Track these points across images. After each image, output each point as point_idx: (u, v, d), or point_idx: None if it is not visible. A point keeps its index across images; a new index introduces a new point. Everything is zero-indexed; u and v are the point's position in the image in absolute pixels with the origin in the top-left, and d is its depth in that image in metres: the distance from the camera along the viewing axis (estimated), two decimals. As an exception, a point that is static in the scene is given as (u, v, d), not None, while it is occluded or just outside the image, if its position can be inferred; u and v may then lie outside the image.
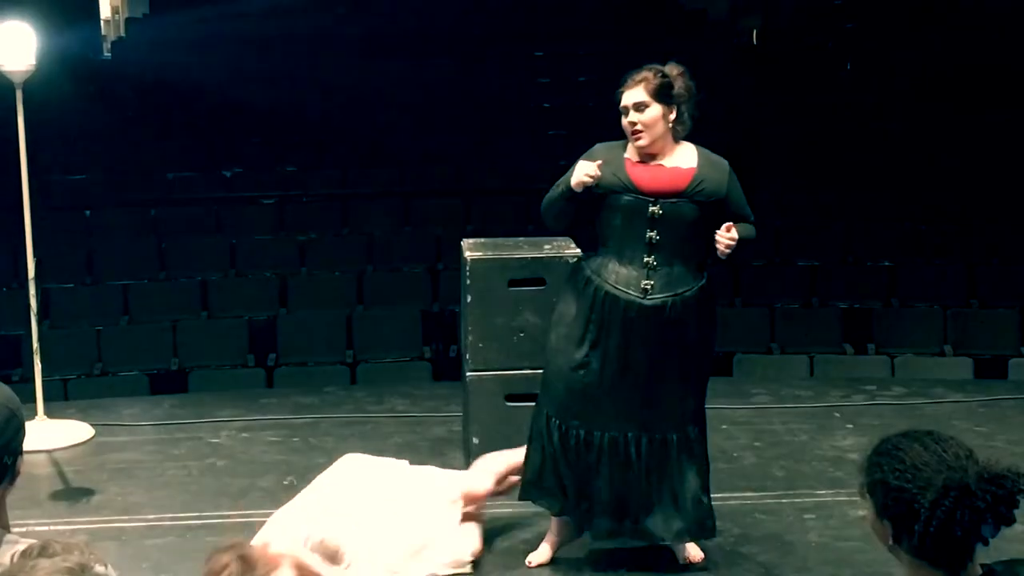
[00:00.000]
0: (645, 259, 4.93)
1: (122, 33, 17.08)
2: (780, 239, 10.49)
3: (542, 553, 5.23)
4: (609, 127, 5.16)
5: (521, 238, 6.51)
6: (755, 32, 16.23)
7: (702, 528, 5.12)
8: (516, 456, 5.37)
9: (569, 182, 4.96)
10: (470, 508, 5.28)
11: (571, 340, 5.00)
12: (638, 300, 4.92)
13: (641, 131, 4.95)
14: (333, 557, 4.76)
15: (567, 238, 6.34)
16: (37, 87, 6.95)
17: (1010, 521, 2.51)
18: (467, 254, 6.15)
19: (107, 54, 16.26)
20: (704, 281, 5.01)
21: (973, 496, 2.47)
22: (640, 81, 4.96)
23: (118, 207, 11.13)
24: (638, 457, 4.99)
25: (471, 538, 5.23)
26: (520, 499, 5.27)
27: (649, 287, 4.92)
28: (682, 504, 5.05)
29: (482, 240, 6.41)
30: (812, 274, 10.23)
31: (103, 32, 17.39)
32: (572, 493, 5.07)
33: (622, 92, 5.00)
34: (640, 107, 4.94)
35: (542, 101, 13.34)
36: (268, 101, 12.08)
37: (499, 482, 5.42)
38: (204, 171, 11.81)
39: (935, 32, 13.96)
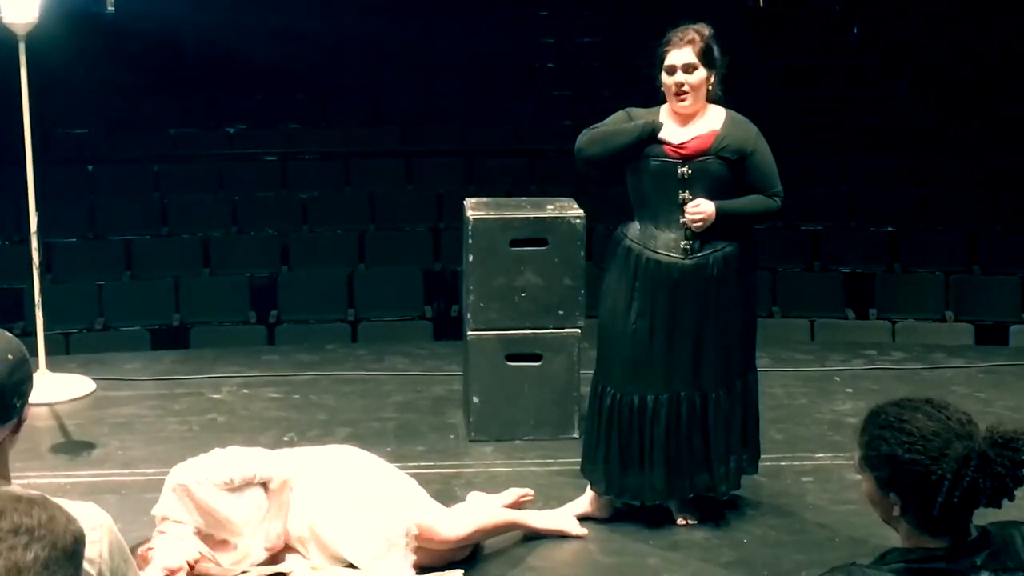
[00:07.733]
0: (682, 220, 4.96)
1: (125, -13, 16.97)
2: (783, 203, 10.43)
3: (575, 508, 5.24)
4: (613, 87, 5.15)
5: (523, 198, 6.50)
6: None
7: (738, 478, 5.23)
8: (497, 516, 5.01)
9: (644, 127, 4.94)
10: (426, 544, 4.72)
11: (619, 311, 5.03)
12: (680, 262, 4.97)
13: (687, 92, 4.94)
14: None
15: (569, 198, 6.34)
16: (40, 40, 6.91)
17: (1023, 481, 2.49)
18: (469, 213, 6.15)
19: (111, 8, 16.17)
20: (741, 236, 5.04)
21: (992, 462, 2.45)
22: (689, 41, 4.92)
23: (120, 162, 11.11)
24: (690, 415, 5.04)
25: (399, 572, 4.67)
26: (581, 471, 5.29)
27: (689, 247, 4.96)
28: (730, 457, 5.12)
29: (484, 199, 6.40)
30: (814, 238, 10.21)
31: (106, -14, 17.28)
32: (620, 470, 5.08)
33: (667, 50, 4.95)
34: (689, 69, 4.92)
35: (546, 61, 13.28)
36: (271, 58, 12.01)
37: (469, 535, 4.85)
38: (207, 127, 11.77)
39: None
